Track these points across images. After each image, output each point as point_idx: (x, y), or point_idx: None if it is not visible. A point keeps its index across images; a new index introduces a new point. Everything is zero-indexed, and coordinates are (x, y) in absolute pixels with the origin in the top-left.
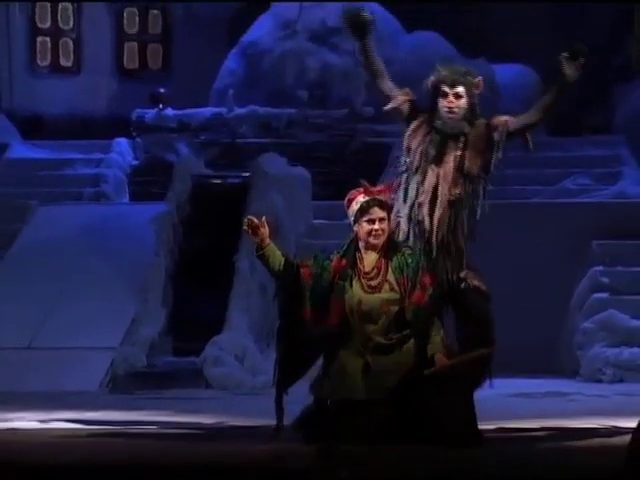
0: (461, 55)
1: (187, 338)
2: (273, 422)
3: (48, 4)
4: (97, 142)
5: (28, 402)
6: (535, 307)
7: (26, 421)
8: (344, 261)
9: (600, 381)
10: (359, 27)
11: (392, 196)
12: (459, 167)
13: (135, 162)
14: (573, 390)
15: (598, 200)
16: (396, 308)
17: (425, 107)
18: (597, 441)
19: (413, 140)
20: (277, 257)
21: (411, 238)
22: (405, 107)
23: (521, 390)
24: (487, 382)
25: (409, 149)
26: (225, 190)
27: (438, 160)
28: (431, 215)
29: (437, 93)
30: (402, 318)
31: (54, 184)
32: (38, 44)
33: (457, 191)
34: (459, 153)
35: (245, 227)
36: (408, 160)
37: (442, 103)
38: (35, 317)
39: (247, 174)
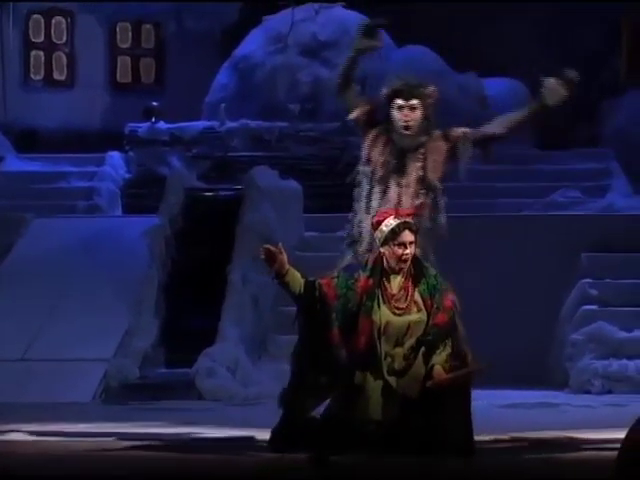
0: (451, 69)
1: (180, 350)
2: (266, 432)
3: (42, 18)
4: (90, 155)
5: (21, 413)
6: (524, 319)
7: (19, 432)
8: (371, 281)
9: (589, 392)
10: (371, 35)
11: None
12: (420, 178)
13: (128, 175)
14: (562, 401)
15: (587, 213)
16: (422, 329)
17: (382, 117)
18: (586, 452)
19: (373, 150)
20: (297, 281)
21: (374, 248)
22: (364, 117)
23: (510, 401)
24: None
25: (369, 159)
26: (217, 203)
27: (400, 171)
28: None
29: (392, 105)
30: (422, 338)
31: (48, 197)
32: (32, 58)
33: (419, 202)
34: (420, 164)
35: (262, 256)
36: (369, 169)
37: (397, 116)
38: (29, 329)
39: (239, 187)
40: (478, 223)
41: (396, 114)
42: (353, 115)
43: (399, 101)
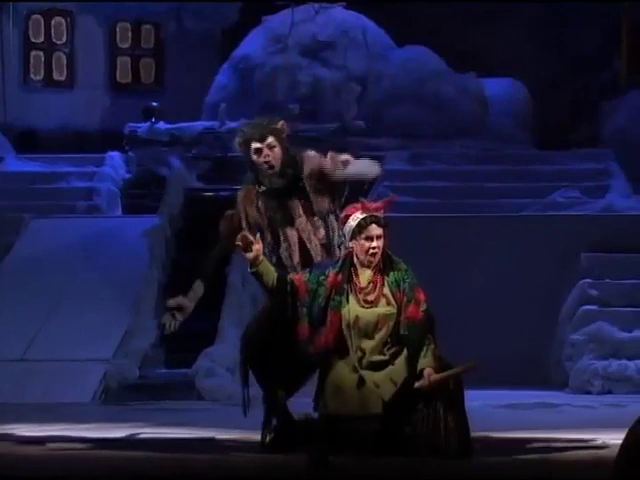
0: (451, 69)
1: (179, 350)
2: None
3: (41, 18)
4: (90, 156)
5: (21, 414)
6: (524, 319)
7: (19, 432)
8: (340, 276)
9: (589, 392)
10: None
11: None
12: (310, 213)
13: (128, 175)
14: (562, 401)
15: (587, 213)
16: (392, 323)
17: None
18: (586, 452)
19: (254, 220)
20: (271, 273)
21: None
22: (234, 230)
23: (510, 401)
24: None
25: (260, 230)
26: (217, 203)
27: (288, 220)
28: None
29: (249, 152)
30: (397, 333)
31: (47, 197)
32: (32, 58)
33: (322, 233)
34: (302, 202)
35: (238, 243)
36: (263, 239)
37: (259, 160)
38: (28, 329)
39: (239, 187)
40: (478, 223)
41: (257, 159)
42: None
43: (255, 145)
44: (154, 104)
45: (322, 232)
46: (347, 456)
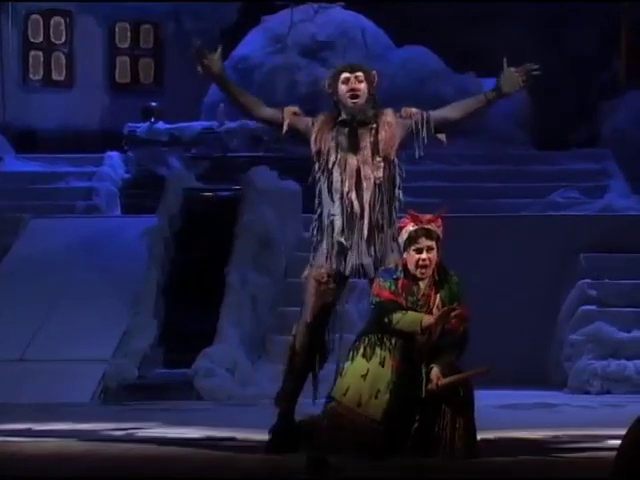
0: (450, 69)
1: (179, 350)
2: (265, 433)
3: (41, 18)
4: (89, 156)
5: (20, 414)
6: (523, 319)
7: (18, 433)
8: (406, 281)
9: (587, 393)
10: None
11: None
12: (375, 151)
13: (127, 175)
14: (561, 402)
15: (586, 213)
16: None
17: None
18: (585, 453)
19: (321, 141)
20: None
21: (345, 231)
22: (299, 122)
23: (509, 401)
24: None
25: (319, 152)
26: (216, 203)
27: (354, 148)
28: (360, 198)
29: (337, 84)
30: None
31: (46, 197)
32: (30, 58)
33: (380, 174)
34: (372, 140)
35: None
36: (322, 160)
37: (344, 89)
38: (27, 329)
39: (238, 187)
40: (478, 223)
41: (343, 87)
42: (285, 129)
43: (345, 74)
44: (153, 104)
45: (380, 173)
46: (349, 456)
